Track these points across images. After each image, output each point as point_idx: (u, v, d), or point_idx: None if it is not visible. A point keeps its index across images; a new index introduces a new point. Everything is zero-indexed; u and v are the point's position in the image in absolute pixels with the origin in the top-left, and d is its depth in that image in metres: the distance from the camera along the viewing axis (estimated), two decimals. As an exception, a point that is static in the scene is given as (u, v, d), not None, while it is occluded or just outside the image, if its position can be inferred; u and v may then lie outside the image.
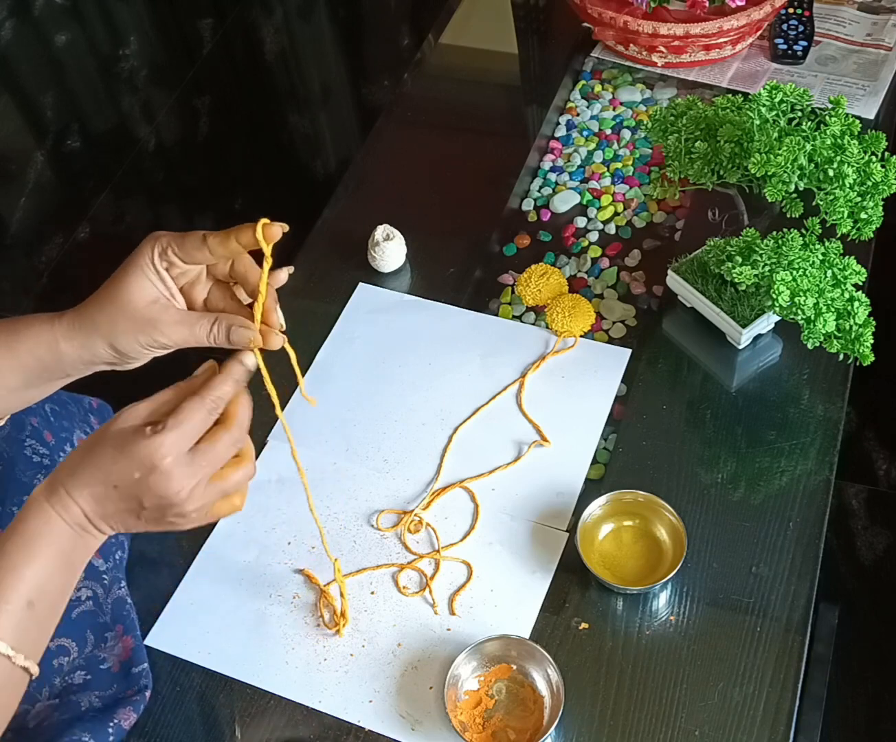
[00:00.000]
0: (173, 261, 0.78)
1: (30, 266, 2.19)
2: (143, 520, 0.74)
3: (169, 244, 0.78)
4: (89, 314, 0.79)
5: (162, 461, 0.71)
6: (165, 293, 0.79)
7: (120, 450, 0.72)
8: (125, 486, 0.72)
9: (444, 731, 0.87)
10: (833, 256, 0.99)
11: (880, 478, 1.67)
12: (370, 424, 1.10)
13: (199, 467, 0.73)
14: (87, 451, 0.74)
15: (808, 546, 0.95)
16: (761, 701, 0.87)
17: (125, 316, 0.78)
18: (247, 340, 0.76)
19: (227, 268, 0.80)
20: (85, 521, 0.74)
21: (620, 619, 0.93)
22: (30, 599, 0.72)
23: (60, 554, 0.73)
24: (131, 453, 0.71)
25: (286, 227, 0.76)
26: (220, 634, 0.96)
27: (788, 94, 1.06)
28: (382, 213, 1.26)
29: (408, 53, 2.53)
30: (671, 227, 1.26)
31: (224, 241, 0.77)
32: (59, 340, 0.80)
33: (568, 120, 1.41)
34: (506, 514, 1.01)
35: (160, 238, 0.78)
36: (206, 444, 0.73)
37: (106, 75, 2.67)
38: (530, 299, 1.16)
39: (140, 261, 0.78)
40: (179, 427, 0.71)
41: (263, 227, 0.75)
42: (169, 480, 0.72)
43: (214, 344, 0.78)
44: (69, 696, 0.90)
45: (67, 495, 0.73)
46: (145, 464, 0.71)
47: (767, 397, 1.07)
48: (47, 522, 0.73)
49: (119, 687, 0.91)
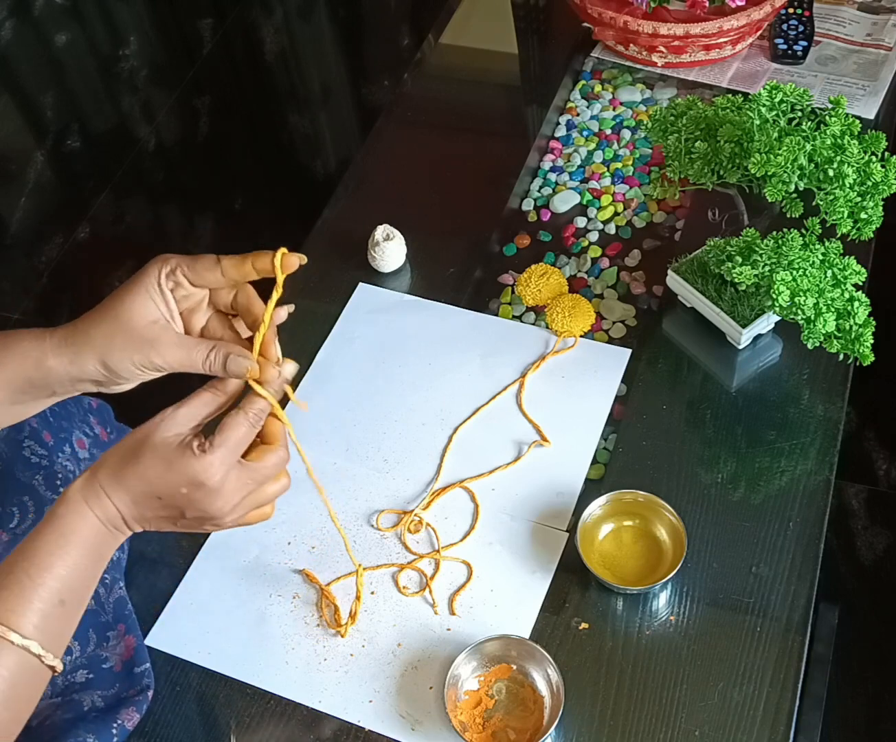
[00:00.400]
0: (181, 281, 0.77)
1: (30, 266, 2.19)
2: (179, 526, 0.77)
3: (178, 265, 0.77)
4: (84, 328, 0.78)
5: (210, 480, 0.73)
6: (166, 315, 0.78)
7: (168, 465, 0.73)
8: (170, 497, 0.74)
9: (444, 731, 0.87)
10: (833, 256, 0.99)
11: (880, 478, 1.67)
12: (370, 424, 1.10)
13: (244, 486, 0.75)
14: (131, 456, 0.74)
15: (808, 546, 0.95)
16: (761, 701, 0.87)
17: (123, 332, 0.77)
18: (244, 370, 0.76)
19: (230, 297, 0.79)
20: (120, 521, 0.75)
21: (620, 619, 0.93)
22: (62, 598, 0.73)
23: (92, 550, 0.75)
24: (180, 470, 0.73)
25: (304, 258, 0.75)
26: (220, 634, 0.96)
27: (788, 94, 1.06)
28: (382, 213, 1.26)
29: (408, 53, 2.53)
30: (671, 227, 1.26)
31: (239, 265, 0.77)
32: (47, 356, 0.78)
33: (568, 120, 1.41)
34: (506, 514, 1.01)
35: (169, 259, 0.78)
36: (255, 464, 0.75)
37: (106, 75, 2.67)
38: (530, 299, 1.16)
39: (146, 280, 0.77)
40: (225, 444, 0.73)
41: (283, 256, 0.74)
42: (217, 498, 0.74)
43: (209, 371, 0.77)
44: (72, 695, 0.90)
45: (107, 497, 0.74)
46: (194, 482, 0.73)
47: (767, 397, 1.07)
48: (84, 520, 0.74)
49: (121, 686, 0.91)
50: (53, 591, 0.73)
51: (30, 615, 0.72)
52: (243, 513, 0.77)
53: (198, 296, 0.79)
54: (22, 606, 0.72)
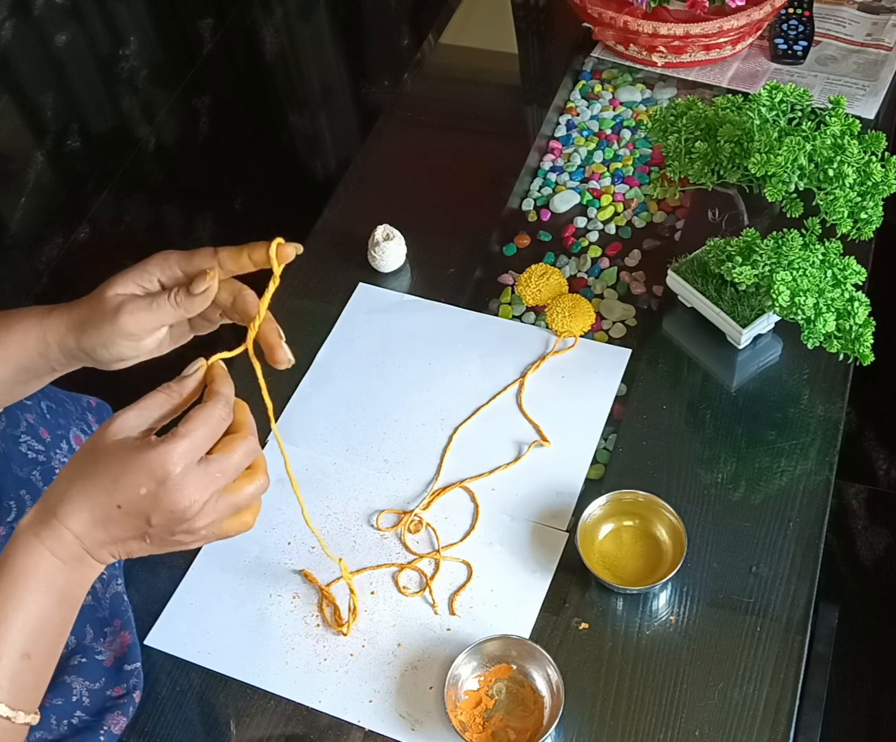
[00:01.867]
0: (176, 274, 0.77)
1: (30, 266, 2.19)
2: (147, 541, 0.69)
3: (177, 261, 0.77)
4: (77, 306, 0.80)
5: (174, 470, 0.66)
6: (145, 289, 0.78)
7: (122, 464, 0.66)
8: (130, 503, 0.67)
9: (444, 731, 0.87)
10: (833, 256, 0.99)
11: (880, 478, 1.67)
12: (370, 424, 1.10)
13: (213, 478, 0.68)
14: (79, 471, 0.68)
15: (808, 546, 0.95)
16: (761, 701, 0.87)
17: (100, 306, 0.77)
18: (204, 282, 0.73)
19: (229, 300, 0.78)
20: (81, 552, 0.68)
21: (620, 619, 0.93)
22: (25, 651, 0.66)
23: (55, 593, 0.67)
24: (138, 465, 0.66)
25: (300, 248, 0.75)
26: (220, 634, 0.96)
27: (788, 94, 1.06)
28: (382, 213, 1.26)
29: (408, 53, 2.53)
30: (671, 227, 1.26)
31: (235, 256, 0.76)
32: (46, 333, 0.79)
33: (568, 120, 1.41)
34: (506, 514, 1.01)
35: (169, 254, 0.78)
36: (220, 454, 0.69)
37: (106, 75, 2.67)
38: (530, 299, 1.16)
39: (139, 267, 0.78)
40: (191, 434, 0.67)
41: (278, 246, 0.74)
42: (181, 491, 0.66)
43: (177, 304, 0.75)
44: (62, 677, 0.89)
45: (60, 524, 0.67)
46: (156, 474, 0.66)
47: (767, 397, 1.07)
48: (38, 560, 0.66)
49: (107, 681, 0.91)
50: (14, 646, 0.66)
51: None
52: (218, 517, 0.70)
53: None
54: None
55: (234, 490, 0.70)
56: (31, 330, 0.80)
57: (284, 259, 0.74)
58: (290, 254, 0.74)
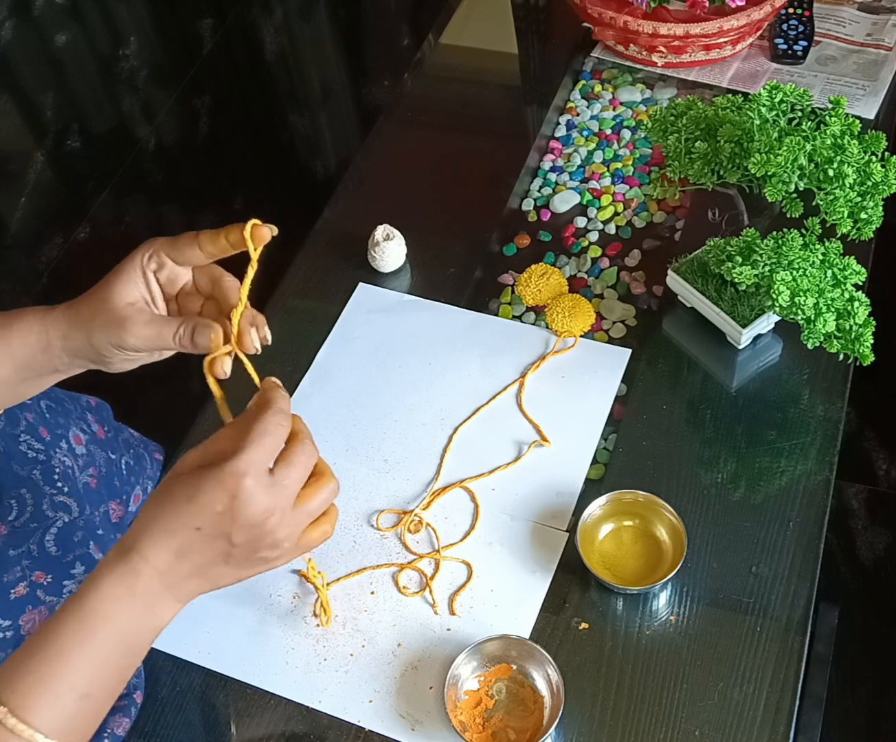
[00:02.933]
0: (164, 262, 0.78)
1: (30, 266, 2.19)
2: (232, 564, 0.69)
3: (162, 247, 0.78)
4: (77, 306, 0.80)
5: (243, 482, 0.66)
6: (146, 296, 0.79)
7: (194, 488, 0.67)
8: (209, 523, 0.66)
9: (444, 731, 0.87)
10: (833, 256, 0.99)
11: (880, 478, 1.67)
12: (370, 424, 1.10)
13: (281, 486, 0.68)
14: (155, 505, 0.68)
15: (808, 546, 0.95)
16: (761, 701, 0.87)
17: (103, 312, 0.78)
18: (208, 339, 0.74)
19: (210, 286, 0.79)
20: (160, 590, 0.67)
21: (620, 619, 0.93)
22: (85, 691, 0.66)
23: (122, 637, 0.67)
24: (208, 486, 0.66)
25: (275, 229, 0.75)
26: (220, 634, 0.96)
27: (788, 94, 1.06)
28: (382, 213, 1.26)
29: (408, 53, 2.53)
30: (671, 227, 1.26)
31: (213, 239, 0.77)
32: (48, 330, 0.80)
33: (568, 120, 1.41)
34: (506, 514, 1.01)
35: (154, 242, 0.79)
36: (282, 463, 0.69)
37: (106, 75, 2.67)
38: (530, 299, 1.16)
39: (130, 262, 0.79)
40: (255, 443, 0.67)
41: (252, 227, 0.74)
42: (256, 501, 0.66)
43: (180, 345, 0.77)
44: None
45: (140, 558, 0.67)
46: (228, 490, 0.66)
47: (767, 397, 1.07)
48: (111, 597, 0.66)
49: None
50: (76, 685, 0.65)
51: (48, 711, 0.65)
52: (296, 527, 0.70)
53: (184, 277, 0.80)
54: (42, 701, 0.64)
55: (304, 499, 0.71)
56: (34, 326, 0.80)
57: (260, 240, 0.74)
58: (264, 234, 0.74)
